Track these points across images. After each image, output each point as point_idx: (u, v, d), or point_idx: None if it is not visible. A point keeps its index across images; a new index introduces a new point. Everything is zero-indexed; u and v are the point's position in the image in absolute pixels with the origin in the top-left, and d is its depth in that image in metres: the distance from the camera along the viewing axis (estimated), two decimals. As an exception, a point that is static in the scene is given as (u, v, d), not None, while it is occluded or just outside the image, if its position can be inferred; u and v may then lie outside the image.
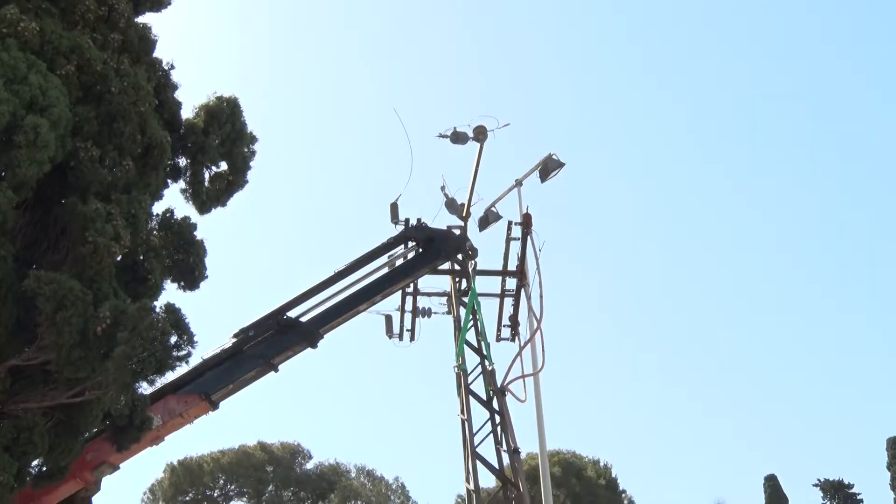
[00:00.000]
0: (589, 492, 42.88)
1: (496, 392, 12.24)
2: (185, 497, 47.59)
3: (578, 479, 43.25)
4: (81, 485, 9.86)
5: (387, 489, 51.95)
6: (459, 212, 14.67)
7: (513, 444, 11.67)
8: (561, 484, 40.48)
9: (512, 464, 11.27)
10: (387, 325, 15.08)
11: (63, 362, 7.52)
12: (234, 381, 11.64)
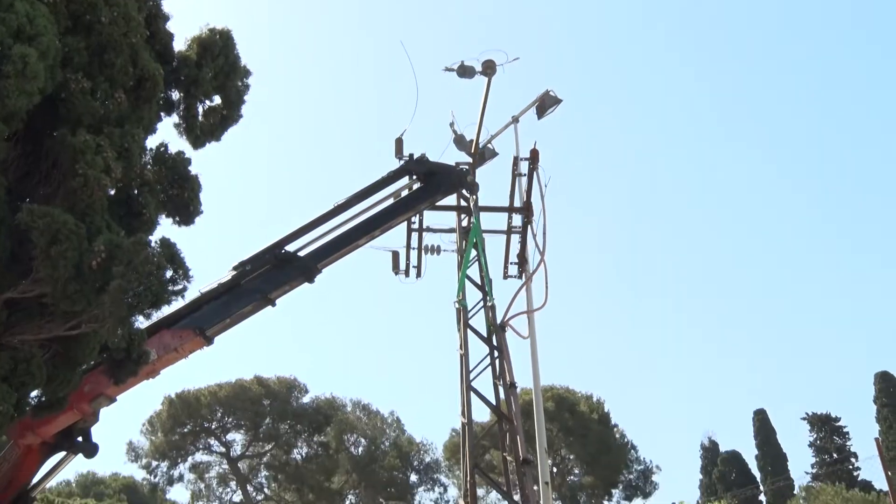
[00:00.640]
0: (581, 426, 43.61)
1: (496, 327, 12.26)
2: (183, 429, 48.34)
3: (571, 413, 43.93)
4: (79, 416, 9.98)
5: (382, 423, 52.76)
6: (468, 148, 14.49)
7: (509, 379, 11.75)
8: (554, 418, 41.17)
9: (507, 398, 11.35)
10: (394, 261, 14.97)
11: (59, 296, 7.53)
12: (231, 315, 11.67)
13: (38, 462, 10.25)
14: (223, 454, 50.25)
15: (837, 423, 57.73)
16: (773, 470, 54.03)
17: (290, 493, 50.88)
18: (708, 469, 58.08)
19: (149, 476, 51.20)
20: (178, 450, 49.10)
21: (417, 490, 51.96)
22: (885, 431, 47.78)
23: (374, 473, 48.86)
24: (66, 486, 49.93)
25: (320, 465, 49.13)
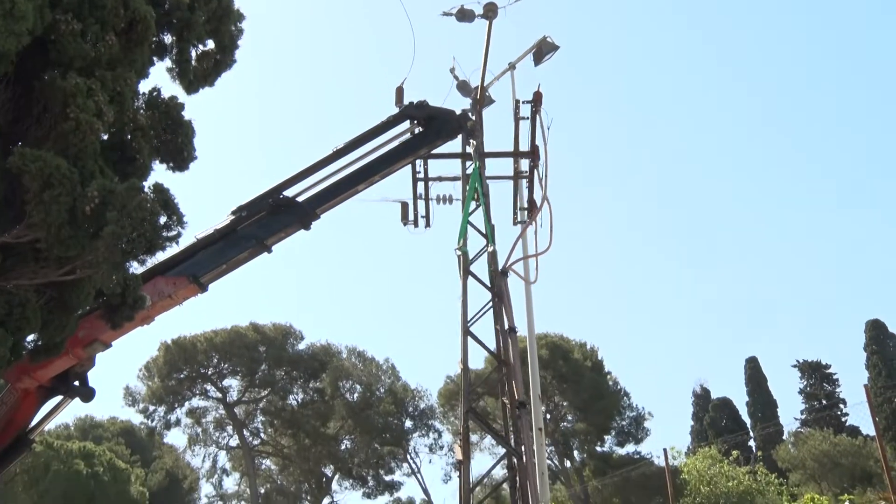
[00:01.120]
0: (575, 373, 44.02)
1: (496, 273, 12.24)
2: (179, 374, 48.74)
3: (565, 360, 44.31)
4: (74, 361, 10.04)
5: (377, 369, 53.21)
6: (471, 94, 14.31)
7: (509, 324, 11.78)
8: (548, 366, 41.55)
9: (505, 342, 11.36)
10: (402, 211, 14.82)
11: (52, 241, 7.51)
12: (226, 262, 11.68)
13: (36, 405, 10.34)
14: (219, 400, 50.74)
15: (827, 370, 58.47)
16: (763, 416, 54.83)
17: (286, 438, 51.52)
18: (699, 415, 58.92)
19: (146, 420, 51.80)
20: (174, 395, 49.57)
21: (412, 436, 52.66)
22: (873, 378, 48.36)
23: (369, 419, 49.43)
24: (64, 429, 50.50)
25: (316, 411, 49.67)
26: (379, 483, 52.82)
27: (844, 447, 42.87)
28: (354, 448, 51.88)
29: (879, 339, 50.88)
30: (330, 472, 52.46)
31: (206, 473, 55.11)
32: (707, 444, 44.31)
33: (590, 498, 42.10)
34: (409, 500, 55.47)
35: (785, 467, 44.82)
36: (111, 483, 38.56)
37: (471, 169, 13.68)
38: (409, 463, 52.80)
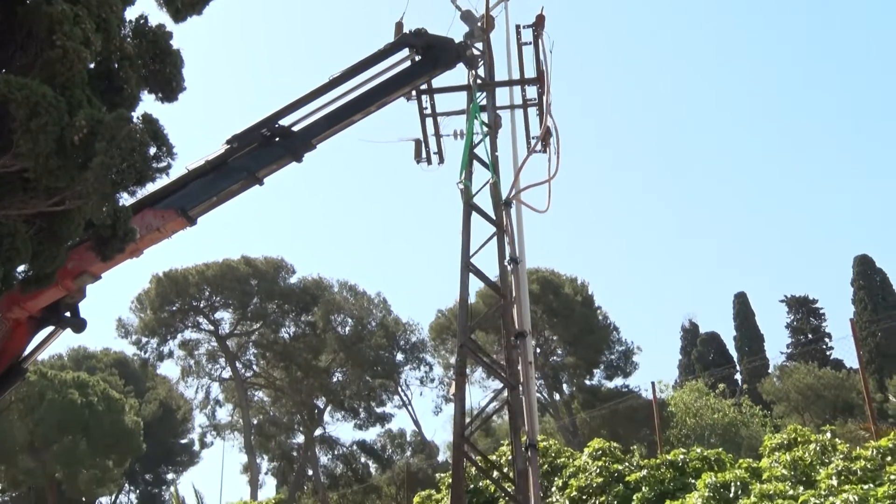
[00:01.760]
0: (565, 308, 44.35)
1: (498, 204, 12.12)
2: (171, 307, 48.89)
3: (556, 295, 44.58)
4: (64, 292, 10.00)
5: (369, 303, 53.46)
6: (475, 23, 13.97)
7: (510, 254, 11.74)
8: (538, 300, 41.81)
9: (503, 273, 11.33)
10: (416, 149, 14.57)
11: (40, 171, 7.40)
12: (217, 193, 11.56)
13: (28, 335, 10.35)
14: (212, 332, 51.04)
15: (814, 304, 59.12)
16: (750, 350, 55.57)
17: (278, 370, 52.02)
18: (687, 350, 59.65)
19: (139, 352, 52.15)
20: (167, 327, 49.80)
21: (403, 369, 53.23)
22: (859, 313, 48.93)
23: (361, 352, 49.86)
24: (58, 359, 50.82)
25: (308, 344, 50.05)
26: (370, 415, 53.58)
27: (828, 380, 43.57)
28: (346, 380, 52.45)
29: (867, 274, 51.30)
30: (322, 403, 53.13)
31: (199, 404, 55.80)
32: (694, 378, 45.00)
33: (578, 430, 42.84)
34: (401, 431, 56.38)
35: (769, 400, 45.60)
36: (105, 413, 39.04)
37: (481, 101, 13.43)
38: (401, 395, 53.53)
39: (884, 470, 9.01)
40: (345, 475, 53.93)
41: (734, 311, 59.11)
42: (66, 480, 39.93)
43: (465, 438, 8.17)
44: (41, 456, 38.23)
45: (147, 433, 43.93)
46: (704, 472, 11.10)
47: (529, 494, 7.71)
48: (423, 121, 14.38)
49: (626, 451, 14.08)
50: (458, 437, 8.13)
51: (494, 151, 12.66)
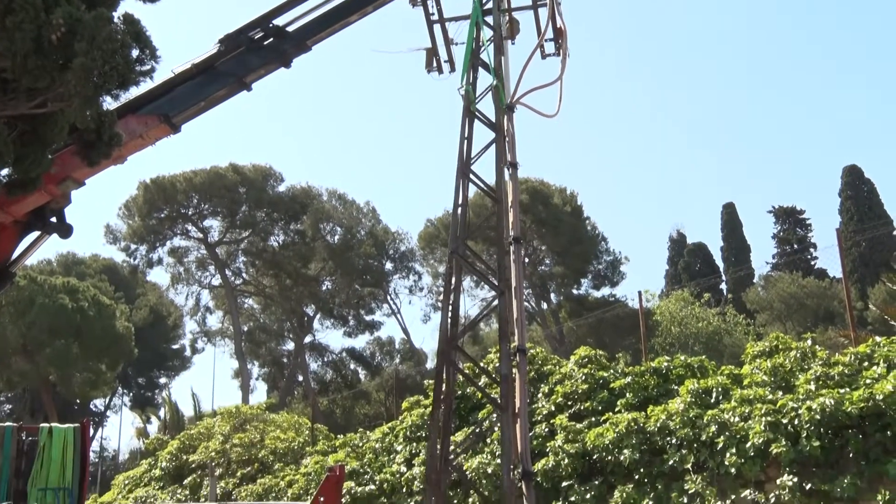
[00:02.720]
0: (554, 218, 44.36)
1: (500, 109, 11.90)
2: (159, 214, 48.69)
3: (545, 206, 44.53)
4: (48, 197, 9.91)
5: (358, 212, 53.37)
6: None
7: (510, 159, 11.62)
8: (528, 210, 41.78)
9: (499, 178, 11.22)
10: (427, 58, 14.10)
11: (19, 71, 7.22)
12: (204, 99, 11.35)
13: (14, 239, 10.29)
14: (201, 240, 51.02)
15: (801, 215, 59.42)
16: (737, 261, 56.06)
17: (267, 278, 52.26)
18: (674, 260, 60.11)
19: (128, 259, 52.22)
20: (155, 234, 49.73)
21: (392, 278, 53.57)
22: (846, 223, 49.18)
23: (350, 261, 50.03)
24: (47, 264, 50.84)
25: (297, 252, 50.13)
26: (359, 323, 54.16)
27: (811, 289, 44.15)
28: (335, 289, 52.78)
29: (855, 184, 51.35)
30: (311, 311, 53.62)
31: (189, 311, 56.27)
32: (680, 288, 45.50)
33: (564, 338, 43.50)
34: (389, 339, 57.14)
35: (753, 309, 46.26)
36: (97, 318, 39.31)
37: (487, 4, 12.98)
38: (389, 304, 54.03)
39: (860, 375, 9.20)
40: (334, 381, 54.87)
41: (722, 221, 59.36)
42: (61, 382, 40.53)
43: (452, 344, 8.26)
44: (34, 358, 38.68)
45: (138, 338, 44.37)
46: (687, 378, 11.31)
47: (515, 398, 7.84)
48: (430, 28, 13.95)
49: (611, 358, 14.32)
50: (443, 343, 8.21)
51: (499, 55, 12.31)
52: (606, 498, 10.34)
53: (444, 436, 8.04)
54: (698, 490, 9.34)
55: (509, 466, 7.48)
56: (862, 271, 44.64)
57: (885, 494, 8.05)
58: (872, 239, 46.17)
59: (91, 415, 50.46)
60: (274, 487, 16.36)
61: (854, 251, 45.63)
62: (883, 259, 42.68)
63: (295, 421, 22.01)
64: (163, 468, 20.98)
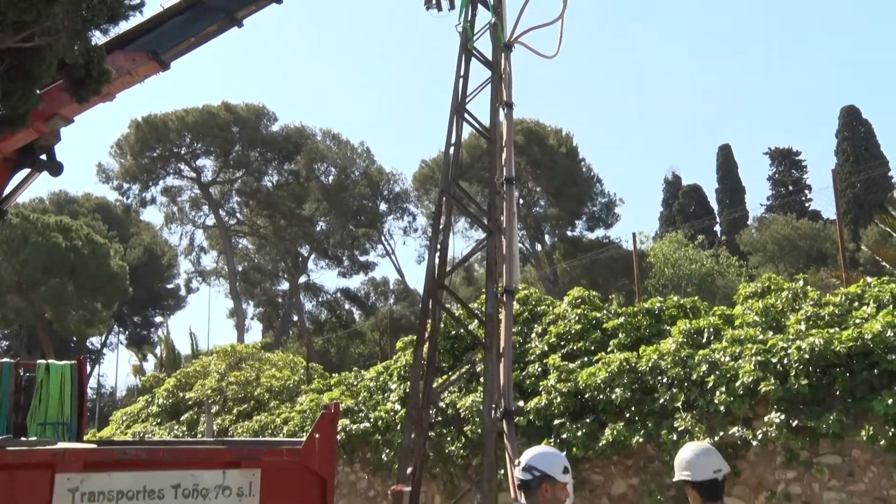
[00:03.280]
0: (549, 159, 44.20)
1: (497, 47, 11.71)
2: (152, 153, 48.35)
3: (540, 147, 44.33)
4: (36, 135, 9.78)
5: (352, 152, 53.07)
6: None
7: (506, 98, 11.49)
8: (523, 151, 41.58)
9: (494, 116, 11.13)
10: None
11: (5, 3, 7.08)
12: (193, 35, 11.14)
13: (4, 177, 10.20)
14: (194, 179, 50.77)
15: (798, 157, 59.27)
16: (731, 203, 56.05)
17: (261, 218, 52.19)
18: (669, 202, 60.09)
19: (121, 198, 52.06)
20: (148, 173, 49.46)
21: (387, 219, 53.52)
22: (841, 164, 48.98)
23: (344, 201, 49.91)
24: (39, 202, 50.65)
25: (291, 193, 49.96)
26: (354, 263, 54.30)
27: (805, 231, 44.26)
28: (329, 229, 52.77)
29: (852, 125, 51.00)
30: (306, 252, 53.69)
31: (183, 251, 56.32)
32: (674, 230, 45.58)
33: (558, 279, 43.70)
34: (384, 279, 57.39)
35: (746, 251, 46.42)
36: (91, 256, 39.31)
37: None
38: (384, 244, 54.09)
39: (850, 315, 9.28)
40: (329, 321, 55.23)
41: (717, 163, 59.19)
42: (56, 320, 40.75)
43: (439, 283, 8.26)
44: (29, 296, 38.80)
45: (133, 278, 44.46)
46: (679, 319, 11.40)
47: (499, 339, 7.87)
48: None
49: (604, 299, 14.41)
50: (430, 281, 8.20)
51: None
52: (597, 435, 10.50)
53: (428, 374, 8.09)
54: (688, 427, 9.48)
55: (491, 405, 7.55)
56: (856, 212, 44.63)
57: (869, 430, 8.20)
58: (868, 180, 46.09)
59: (88, 352, 50.82)
60: (270, 424, 16.59)
61: (849, 192, 45.54)
62: (877, 200, 42.69)
63: (290, 360, 22.21)
64: (160, 405, 21.23)
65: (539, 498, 4.51)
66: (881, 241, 29.19)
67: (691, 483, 4.44)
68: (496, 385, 7.76)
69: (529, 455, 4.65)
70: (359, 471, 14.44)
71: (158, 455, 7.55)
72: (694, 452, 4.52)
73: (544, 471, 4.54)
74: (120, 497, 6.71)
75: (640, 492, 10.19)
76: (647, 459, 10.27)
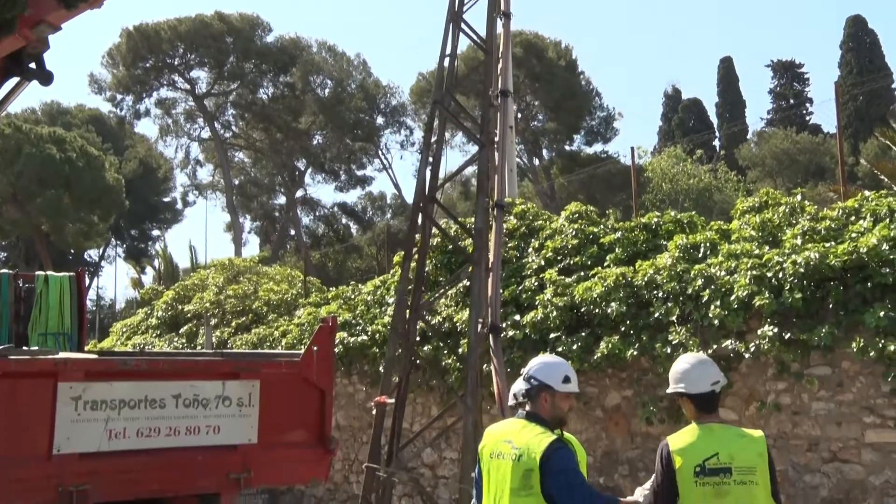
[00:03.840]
0: (548, 72, 43.60)
1: None
2: (145, 63, 47.57)
3: (539, 59, 43.67)
4: (22, 42, 9.54)
5: (348, 65, 52.25)
6: None
7: (504, 8, 11.21)
8: (521, 64, 40.96)
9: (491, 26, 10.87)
10: None
11: None
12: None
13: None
14: (188, 91, 50.09)
15: (800, 69, 58.37)
16: (732, 116, 55.43)
17: (257, 131, 51.71)
18: (668, 116, 59.42)
19: (114, 109, 51.45)
20: (141, 84, 48.75)
21: (384, 132, 53.08)
22: (844, 76, 48.16)
23: (341, 115, 49.36)
24: (31, 113, 50.04)
25: (287, 106, 49.38)
26: (351, 177, 54.11)
27: (804, 144, 43.91)
28: (326, 143, 52.36)
29: (857, 35, 49.88)
30: (302, 166, 53.40)
31: (179, 164, 56.01)
32: (673, 144, 45.27)
33: (556, 194, 43.65)
34: (381, 194, 57.30)
35: (745, 165, 46.18)
36: (86, 169, 39.06)
37: None
38: (381, 158, 53.79)
39: (847, 229, 9.29)
40: (326, 235, 55.35)
41: (718, 76, 58.31)
42: (53, 232, 40.79)
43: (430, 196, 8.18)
44: (26, 208, 38.74)
45: (129, 191, 44.30)
46: (676, 234, 11.40)
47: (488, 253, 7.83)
48: None
49: (601, 214, 14.38)
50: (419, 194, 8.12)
51: None
52: (592, 348, 10.62)
53: (416, 289, 8.08)
54: (681, 340, 9.59)
55: (477, 320, 7.55)
56: (857, 125, 44.09)
57: (860, 342, 8.31)
58: (870, 93, 45.48)
59: (86, 265, 51.02)
60: (268, 337, 16.77)
61: (850, 105, 44.92)
62: (879, 113, 42.22)
63: (288, 274, 22.31)
64: (159, 317, 21.42)
65: (539, 407, 4.61)
66: (881, 154, 29.03)
67: (687, 395, 4.49)
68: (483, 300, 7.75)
69: (531, 365, 4.74)
70: (356, 383, 14.68)
71: (159, 366, 7.65)
72: (690, 364, 4.54)
73: (542, 380, 4.62)
74: (122, 406, 6.83)
75: (634, 403, 10.39)
76: (641, 372, 10.43)
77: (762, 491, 4.25)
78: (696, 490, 4.22)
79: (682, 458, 4.29)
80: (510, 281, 12.26)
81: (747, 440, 4.37)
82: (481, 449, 4.78)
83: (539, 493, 4.29)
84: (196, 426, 7.20)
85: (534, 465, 4.31)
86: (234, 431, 7.41)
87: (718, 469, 4.22)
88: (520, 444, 4.44)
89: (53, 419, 6.45)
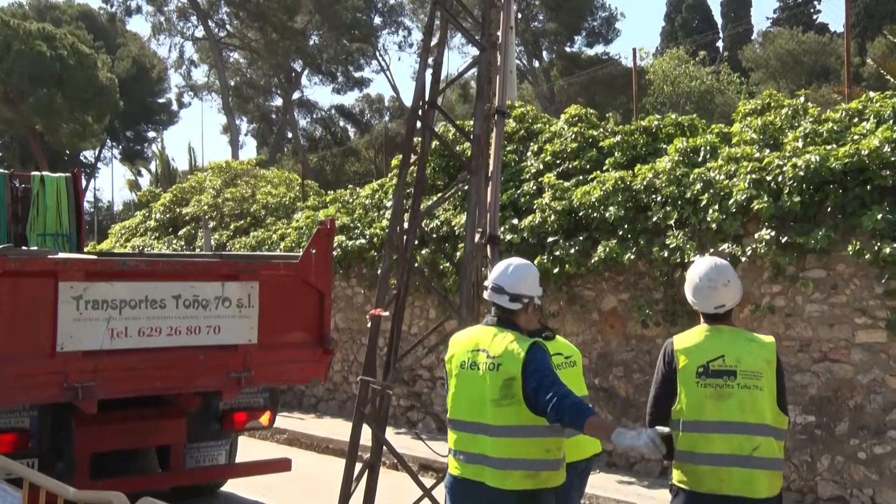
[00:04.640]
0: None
1: None
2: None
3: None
4: None
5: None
6: None
7: None
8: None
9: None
10: None
11: None
12: None
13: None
14: (180, -14, 48.83)
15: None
16: (736, 17, 54.24)
17: (252, 31, 50.58)
18: (671, 16, 58.09)
19: (105, 5, 50.18)
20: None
21: (381, 33, 52.00)
22: (857, -29, 46.80)
23: (338, 14, 48.21)
24: (18, 7, 48.85)
25: (282, 4, 48.13)
26: (348, 79, 53.27)
27: (810, 45, 43.04)
28: (323, 44, 51.33)
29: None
30: (299, 67, 52.48)
31: (173, 63, 55.01)
32: (676, 46, 44.41)
33: (555, 97, 43.08)
34: (379, 96, 56.54)
35: (748, 67, 45.44)
36: (78, 67, 38.35)
37: None
38: (378, 60, 52.87)
39: (849, 131, 9.20)
40: (324, 138, 54.88)
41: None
42: (47, 132, 40.42)
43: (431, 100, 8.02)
44: (18, 107, 38.24)
45: (123, 91, 43.62)
46: (676, 137, 11.28)
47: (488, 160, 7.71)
48: None
49: (601, 117, 14.20)
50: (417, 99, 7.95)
51: None
52: (590, 252, 10.66)
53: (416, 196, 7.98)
54: (679, 244, 9.61)
55: (473, 228, 7.49)
56: (865, 23, 42.93)
57: (856, 245, 8.32)
58: (883, -12, 44.25)
59: (81, 166, 50.76)
60: (267, 240, 16.79)
61: (860, 3, 43.70)
62: (889, 11, 41.20)
63: (285, 177, 22.17)
64: (157, 220, 21.40)
65: (517, 317, 4.50)
66: (888, 53, 28.45)
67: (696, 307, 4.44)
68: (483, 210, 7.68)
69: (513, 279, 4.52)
70: (355, 286, 14.79)
71: (158, 267, 7.69)
72: (701, 280, 4.32)
73: (532, 294, 4.53)
74: (123, 305, 6.90)
75: (630, 306, 10.49)
76: (638, 275, 10.50)
77: (767, 397, 4.11)
78: (696, 391, 4.14)
79: (687, 358, 4.19)
80: (508, 185, 12.20)
81: (756, 345, 4.25)
82: (449, 359, 4.59)
83: (521, 400, 4.15)
84: (196, 326, 7.31)
85: (516, 374, 4.17)
86: (235, 332, 7.52)
87: (722, 371, 4.11)
88: (496, 353, 4.30)
89: (56, 318, 6.53)
